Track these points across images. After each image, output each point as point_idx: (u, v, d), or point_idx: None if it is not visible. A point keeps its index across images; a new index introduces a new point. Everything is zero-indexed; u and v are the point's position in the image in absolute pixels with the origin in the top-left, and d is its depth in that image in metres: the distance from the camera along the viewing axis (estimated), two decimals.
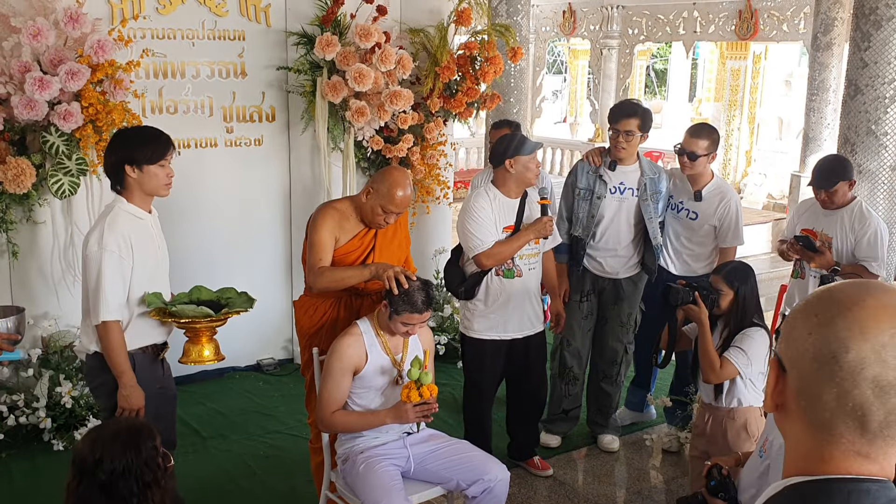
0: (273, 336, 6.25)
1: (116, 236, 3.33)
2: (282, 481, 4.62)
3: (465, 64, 5.94)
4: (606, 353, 5.07)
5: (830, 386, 1.17)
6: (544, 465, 4.84)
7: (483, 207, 4.33)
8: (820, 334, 1.19)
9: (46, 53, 4.59)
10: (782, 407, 1.27)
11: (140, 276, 3.42)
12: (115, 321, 3.36)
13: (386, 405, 3.60)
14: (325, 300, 3.93)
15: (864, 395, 1.15)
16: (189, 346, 3.60)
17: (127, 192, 3.42)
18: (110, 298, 3.33)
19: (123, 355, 3.38)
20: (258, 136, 5.87)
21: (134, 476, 2.22)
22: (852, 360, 1.15)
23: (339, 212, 3.91)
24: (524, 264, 4.43)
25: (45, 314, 5.13)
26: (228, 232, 5.84)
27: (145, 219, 3.48)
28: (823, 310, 1.20)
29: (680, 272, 4.94)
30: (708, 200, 4.87)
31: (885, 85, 5.13)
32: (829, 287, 1.25)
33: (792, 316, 1.27)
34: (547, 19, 14.81)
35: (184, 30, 5.44)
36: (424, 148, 6.08)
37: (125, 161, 3.36)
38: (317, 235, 3.83)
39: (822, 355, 1.18)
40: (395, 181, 3.81)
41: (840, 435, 1.19)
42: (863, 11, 5.16)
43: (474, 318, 4.48)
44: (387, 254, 3.97)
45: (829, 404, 1.18)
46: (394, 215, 3.86)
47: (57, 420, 4.84)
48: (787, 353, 1.24)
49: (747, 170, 14.59)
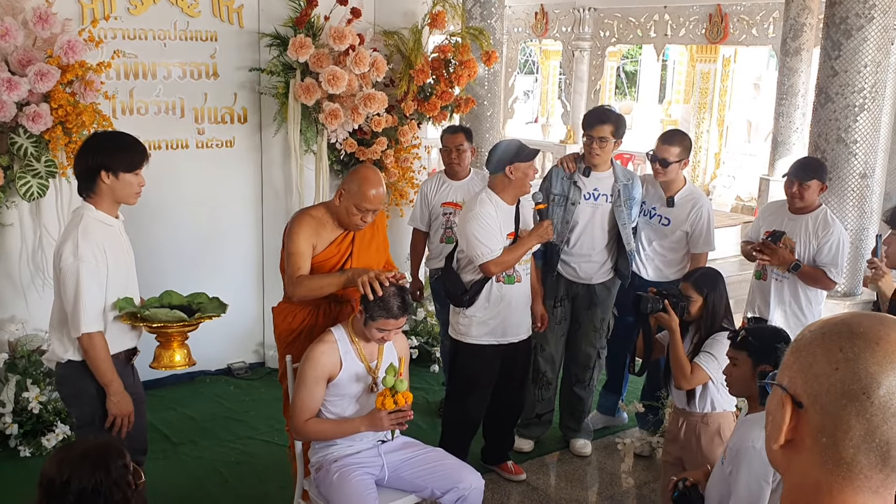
0: (244, 340, 6.20)
1: (91, 245, 3.28)
2: (254, 487, 4.58)
3: (439, 67, 5.93)
4: (579, 358, 5.08)
5: (860, 422, 1.16)
6: (517, 469, 4.84)
7: (490, 214, 4.33)
8: (848, 369, 1.16)
9: (15, 54, 4.52)
10: (793, 443, 1.24)
11: (113, 282, 3.38)
12: (98, 332, 3.33)
13: (360, 413, 3.58)
14: (303, 307, 3.92)
15: (892, 431, 1.15)
16: (160, 351, 3.58)
17: (96, 197, 3.36)
18: (90, 309, 3.30)
19: (110, 364, 3.36)
20: (230, 137, 5.82)
21: (103, 496, 2.17)
22: (883, 396, 1.14)
23: (315, 219, 3.88)
24: (523, 269, 4.46)
25: (13, 318, 5.05)
26: (199, 234, 5.78)
27: (114, 225, 3.44)
28: (848, 344, 1.18)
29: (652, 277, 4.97)
30: (680, 206, 4.91)
31: (855, 94, 5.19)
32: (843, 320, 1.23)
33: (806, 349, 1.23)
34: (519, 20, 14.83)
35: (155, 30, 5.37)
36: (398, 151, 6.06)
37: (101, 167, 3.30)
38: (293, 245, 3.81)
39: (851, 391, 1.16)
40: (364, 178, 3.79)
41: (860, 471, 1.17)
42: (833, 21, 5.21)
43: (472, 324, 4.46)
44: (365, 257, 3.95)
45: (856, 440, 1.16)
46: (370, 213, 3.83)
47: (24, 426, 4.77)
48: (805, 388, 1.21)
49: (716, 172, 14.72)
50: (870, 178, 5.42)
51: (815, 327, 1.25)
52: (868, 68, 5.14)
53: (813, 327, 1.25)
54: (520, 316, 4.53)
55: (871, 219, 6.01)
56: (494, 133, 7.46)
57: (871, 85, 5.17)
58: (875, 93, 5.21)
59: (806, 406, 1.21)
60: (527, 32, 14.98)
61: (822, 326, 1.24)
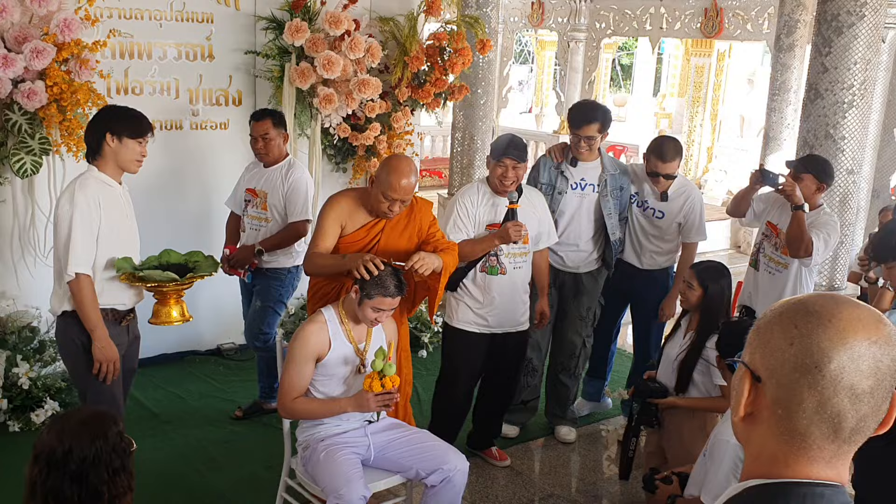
0: (235, 321, 6.19)
1: (87, 196, 3.52)
2: (241, 467, 4.62)
3: (434, 54, 5.95)
4: (565, 346, 5.14)
5: (812, 394, 1.22)
6: (502, 455, 4.89)
7: (467, 201, 4.44)
8: (802, 345, 1.23)
9: (11, 30, 4.52)
10: (752, 416, 1.30)
11: (108, 240, 3.60)
12: (86, 275, 3.53)
13: (347, 394, 3.62)
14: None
15: (842, 403, 1.21)
16: (158, 308, 3.91)
17: (101, 160, 3.61)
18: (80, 251, 3.51)
19: (95, 310, 3.58)
20: (224, 119, 5.84)
21: (104, 464, 2.21)
22: (834, 370, 1.21)
23: (351, 199, 4.03)
24: (509, 262, 4.47)
25: (3, 294, 5.08)
26: (192, 214, 5.80)
27: (115, 187, 3.67)
28: (802, 321, 1.24)
29: (645, 266, 5.09)
30: (673, 199, 4.98)
31: (844, 90, 5.23)
32: (800, 300, 1.29)
33: (765, 327, 1.30)
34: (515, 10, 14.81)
35: (151, 10, 5.38)
36: (391, 137, 6.09)
37: (107, 129, 3.56)
38: (319, 222, 4.00)
39: (804, 365, 1.22)
40: (394, 167, 3.87)
41: (813, 441, 1.24)
42: (825, 17, 5.25)
43: (459, 308, 4.55)
44: (394, 246, 4.01)
45: (808, 412, 1.23)
46: (397, 203, 3.89)
47: (13, 401, 4.80)
48: (763, 362, 1.28)
49: (708, 166, 14.75)
50: (857, 174, 5.47)
51: (776, 307, 1.32)
52: (858, 65, 5.18)
53: (773, 307, 1.32)
54: (508, 308, 4.54)
55: (858, 215, 6.08)
56: (487, 122, 7.49)
57: (860, 82, 5.21)
58: (864, 90, 5.25)
59: (764, 380, 1.28)
60: (523, 22, 14.96)
61: (781, 306, 1.31)
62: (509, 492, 4.60)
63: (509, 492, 4.60)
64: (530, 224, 4.46)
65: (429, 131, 13.99)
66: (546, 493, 4.65)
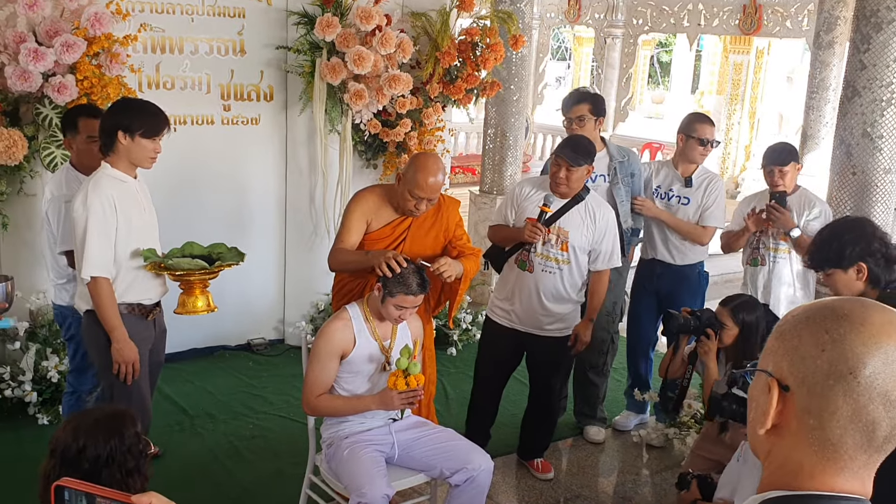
0: (265, 316, 6.24)
1: (100, 196, 3.50)
2: (268, 462, 4.62)
3: (466, 50, 5.90)
4: (594, 343, 4.99)
5: (847, 402, 1.17)
6: (545, 467, 4.71)
7: (515, 191, 4.47)
8: (835, 350, 1.17)
9: (42, 24, 4.55)
10: (778, 427, 1.24)
11: (126, 234, 3.59)
12: (103, 277, 3.53)
13: (372, 392, 3.60)
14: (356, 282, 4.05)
15: (877, 410, 1.16)
16: (184, 298, 3.88)
17: (114, 156, 3.58)
18: (95, 254, 3.50)
19: (114, 310, 3.57)
20: (255, 115, 5.84)
21: (117, 464, 2.20)
22: (869, 375, 1.15)
23: (378, 196, 4.02)
24: (539, 262, 4.30)
25: (34, 287, 5.11)
26: (222, 210, 5.81)
27: (129, 182, 3.64)
28: (833, 326, 1.19)
29: (679, 262, 5.02)
30: (698, 184, 4.96)
31: (883, 88, 5.10)
32: (825, 304, 1.23)
33: (790, 333, 1.24)
34: (552, 5, 14.72)
35: (183, 5, 5.39)
36: (422, 133, 6.05)
37: (120, 127, 3.52)
38: (345, 217, 4.00)
39: (838, 371, 1.17)
40: (421, 165, 3.85)
41: (845, 451, 1.18)
42: (864, 13, 5.12)
43: (494, 297, 4.57)
44: (420, 244, 3.99)
45: (843, 420, 1.17)
46: (424, 202, 3.88)
47: (43, 394, 4.83)
48: (791, 370, 1.22)
49: (745, 164, 14.56)
50: (894, 174, 5.33)
51: (799, 312, 1.25)
52: None
53: (796, 312, 1.26)
54: (527, 308, 4.37)
55: None
56: (520, 118, 7.43)
57: None
58: None
59: (792, 389, 1.21)
60: (559, 18, 14.87)
61: (805, 311, 1.24)
62: (536, 492, 4.55)
63: (536, 492, 4.55)
64: (578, 235, 4.26)
65: (461, 128, 13.93)
66: (573, 493, 4.58)
